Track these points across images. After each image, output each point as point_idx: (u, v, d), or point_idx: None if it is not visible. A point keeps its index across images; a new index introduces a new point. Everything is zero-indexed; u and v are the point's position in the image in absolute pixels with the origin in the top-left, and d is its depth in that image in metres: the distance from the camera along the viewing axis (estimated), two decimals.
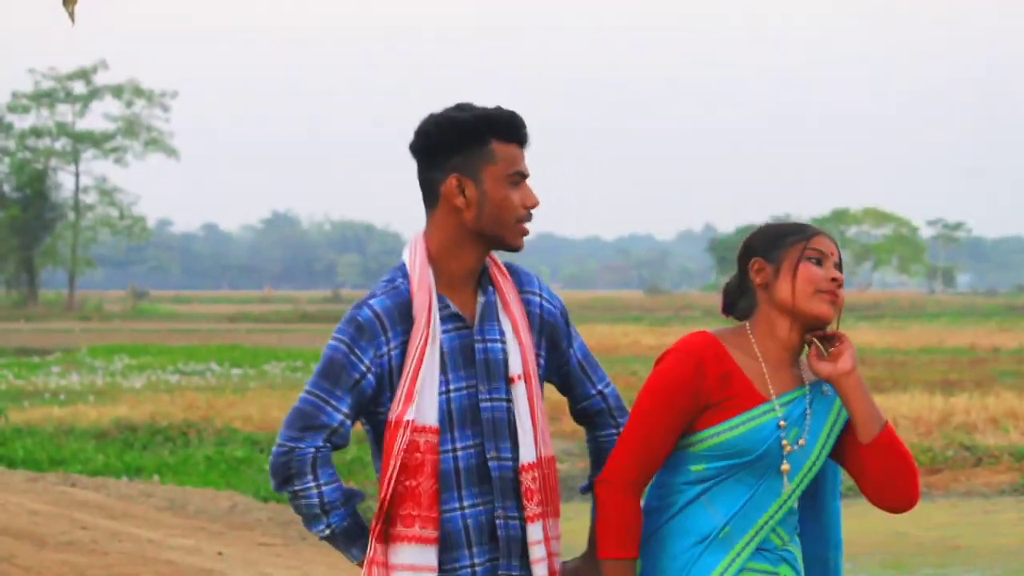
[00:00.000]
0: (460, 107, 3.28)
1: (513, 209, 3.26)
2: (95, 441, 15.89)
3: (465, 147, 3.25)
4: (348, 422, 3.21)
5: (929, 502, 12.84)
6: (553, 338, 3.38)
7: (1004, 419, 16.12)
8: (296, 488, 3.18)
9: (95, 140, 72.91)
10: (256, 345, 36.46)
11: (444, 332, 3.24)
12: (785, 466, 3.18)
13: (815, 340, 3.24)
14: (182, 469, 14.19)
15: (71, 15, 4.56)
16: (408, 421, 3.18)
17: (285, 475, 3.18)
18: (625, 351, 32.84)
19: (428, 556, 3.20)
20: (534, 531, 3.26)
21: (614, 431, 3.40)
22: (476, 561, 3.24)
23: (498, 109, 3.29)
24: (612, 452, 3.23)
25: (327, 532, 3.21)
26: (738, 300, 3.32)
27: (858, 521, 11.73)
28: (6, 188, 71.27)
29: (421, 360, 3.20)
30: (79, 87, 72.58)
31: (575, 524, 3.43)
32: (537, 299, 3.39)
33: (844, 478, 3.38)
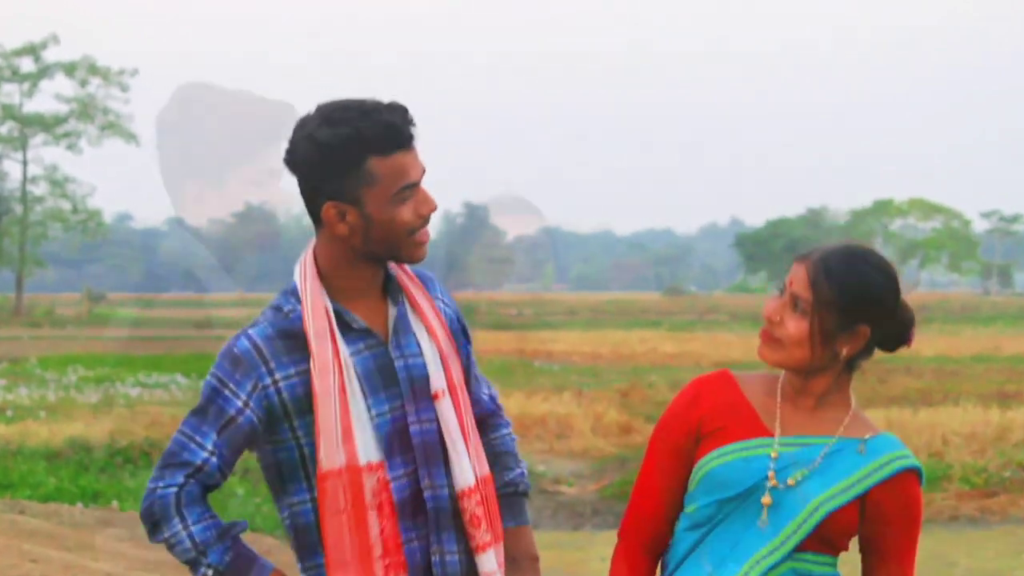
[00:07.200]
0: (330, 120, 3.19)
1: (403, 226, 3.23)
2: (46, 463, 15.90)
3: (339, 172, 3.20)
4: (214, 460, 3.19)
5: (984, 529, 12.86)
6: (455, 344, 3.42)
7: None
8: (165, 535, 3.19)
9: (45, 124, 72.97)
10: None
11: (354, 354, 3.23)
12: (767, 499, 3.16)
13: None
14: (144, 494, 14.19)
15: None
16: (365, 465, 3.17)
17: (152, 522, 3.21)
18: (642, 359, 32.76)
19: None
20: (487, 561, 3.27)
21: (507, 430, 3.51)
22: None
23: (370, 119, 3.18)
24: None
25: (210, 574, 3.18)
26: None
27: None
28: None
29: (344, 393, 3.19)
30: (27, 64, 72.65)
31: (588, 553, 3.44)
32: (441, 304, 3.42)
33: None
